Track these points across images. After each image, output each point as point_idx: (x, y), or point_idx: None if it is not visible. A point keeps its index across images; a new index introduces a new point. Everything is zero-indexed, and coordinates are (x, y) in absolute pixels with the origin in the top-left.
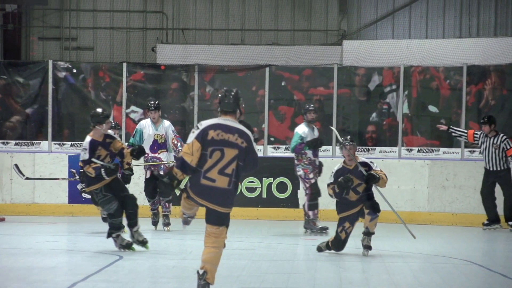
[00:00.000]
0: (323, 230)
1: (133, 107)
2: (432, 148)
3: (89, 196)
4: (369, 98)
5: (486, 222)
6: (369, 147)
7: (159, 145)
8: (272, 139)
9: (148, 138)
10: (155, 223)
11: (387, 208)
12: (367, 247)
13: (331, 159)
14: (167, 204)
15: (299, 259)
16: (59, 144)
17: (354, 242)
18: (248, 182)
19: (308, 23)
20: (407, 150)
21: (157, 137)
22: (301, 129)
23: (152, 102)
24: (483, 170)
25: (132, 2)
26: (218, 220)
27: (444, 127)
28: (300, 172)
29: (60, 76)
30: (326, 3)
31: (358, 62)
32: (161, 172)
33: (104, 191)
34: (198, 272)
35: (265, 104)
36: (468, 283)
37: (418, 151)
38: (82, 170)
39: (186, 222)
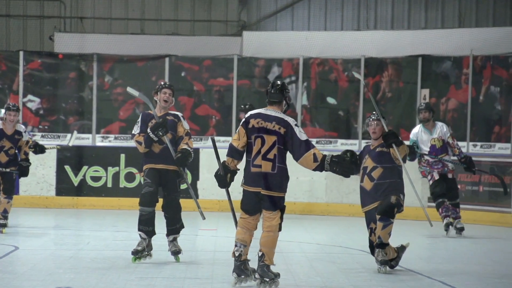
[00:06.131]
0: (459, 226)
1: (30, 96)
2: (330, 139)
3: None
4: None
5: None
6: None
7: None
8: None
9: None
10: None
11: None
12: (384, 263)
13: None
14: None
15: (197, 250)
16: None
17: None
18: None
19: (208, 13)
20: None
21: None
22: (413, 131)
23: None
24: None
25: None
26: (270, 204)
27: None
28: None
29: None
30: None
31: (258, 53)
32: None
33: (146, 175)
34: (258, 254)
35: None
36: (363, 272)
37: (317, 142)
38: None
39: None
